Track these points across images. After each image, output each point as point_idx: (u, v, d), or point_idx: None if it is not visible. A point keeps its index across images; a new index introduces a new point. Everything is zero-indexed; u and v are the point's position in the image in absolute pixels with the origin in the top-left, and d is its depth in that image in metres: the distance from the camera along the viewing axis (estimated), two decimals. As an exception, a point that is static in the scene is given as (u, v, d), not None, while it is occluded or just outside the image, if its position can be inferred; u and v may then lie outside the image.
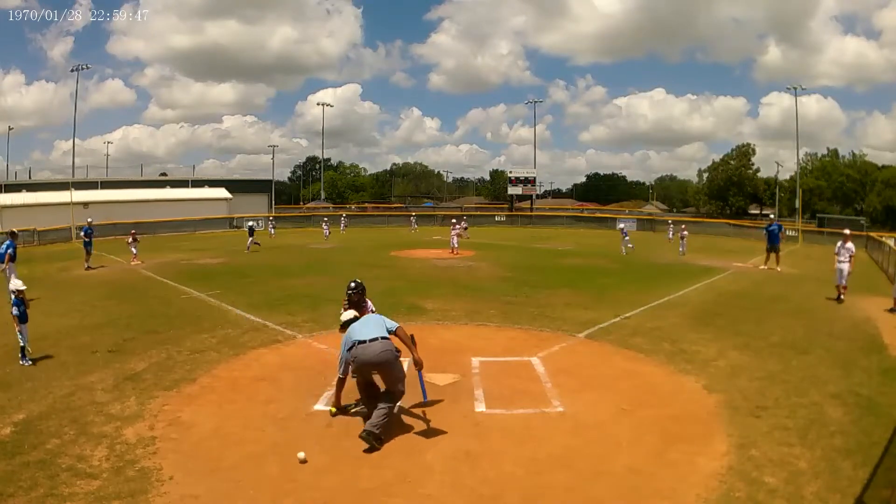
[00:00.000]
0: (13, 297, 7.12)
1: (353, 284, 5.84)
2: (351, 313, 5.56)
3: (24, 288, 7.25)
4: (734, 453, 4.58)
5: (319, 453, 4.60)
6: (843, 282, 11.87)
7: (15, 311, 7.05)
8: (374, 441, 4.70)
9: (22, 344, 7.01)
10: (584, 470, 4.35)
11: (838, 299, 11.85)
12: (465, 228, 22.59)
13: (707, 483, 4.10)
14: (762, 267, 16.67)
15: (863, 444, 4.73)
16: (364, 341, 5.10)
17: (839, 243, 12.29)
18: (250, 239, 22.21)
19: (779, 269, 16.26)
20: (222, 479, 4.18)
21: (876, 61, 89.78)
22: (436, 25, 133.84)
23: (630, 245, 22.67)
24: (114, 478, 4.15)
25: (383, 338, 5.20)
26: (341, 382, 5.38)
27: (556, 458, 4.53)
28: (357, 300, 5.83)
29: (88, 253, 17.13)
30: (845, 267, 11.87)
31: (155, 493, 3.94)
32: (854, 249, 12.22)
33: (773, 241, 16.73)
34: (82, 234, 17.73)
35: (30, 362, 6.96)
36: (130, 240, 19.38)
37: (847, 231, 13.09)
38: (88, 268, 16.78)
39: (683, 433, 4.98)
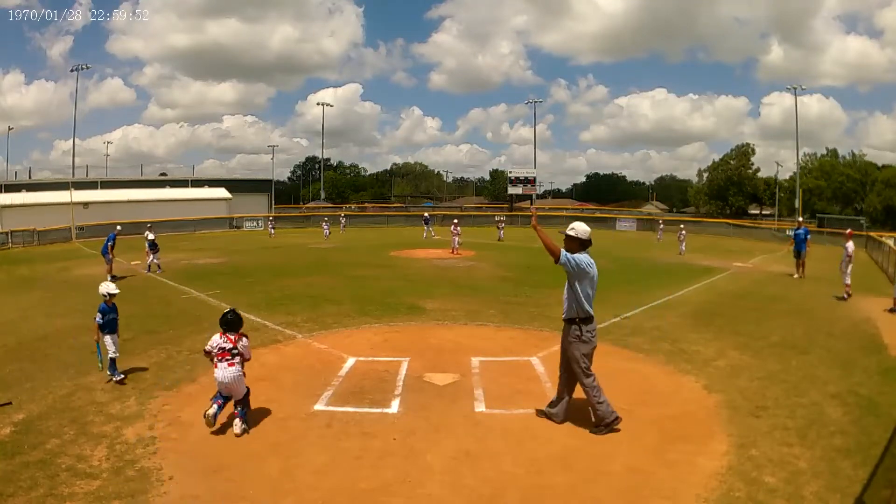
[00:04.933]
0: (102, 302, 6.36)
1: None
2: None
3: (116, 292, 6.46)
4: (734, 453, 4.58)
5: (319, 453, 4.60)
6: (848, 280, 12.18)
7: (99, 318, 6.27)
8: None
9: (110, 355, 6.29)
10: (584, 470, 4.35)
11: (843, 298, 12.10)
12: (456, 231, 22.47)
13: (707, 483, 4.10)
14: (795, 276, 15.60)
15: (863, 444, 4.73)
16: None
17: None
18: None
19: (797, 277, 15.49)
20: (222, 479, 4.18)
21: (878, 61, 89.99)
22: (437, 24, 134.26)
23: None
24: (114, 478, 4.15)
25: None
26: None
27: (556, 458, 4.53)
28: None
29: (109, 262, 15.00)
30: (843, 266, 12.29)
31: (155, 493, 3.95)
32: (851, 248, 12.46)
33: (799, 248, 15.81)
34: (109, 243, 15.18)
35: (120, 376, 6.27)
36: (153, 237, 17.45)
37: (848, 231, 13.50)
38: (113, 277, 14.01)
39: (683, 433, 4.98)
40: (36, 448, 4.63)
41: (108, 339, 6.32)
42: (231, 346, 5.06)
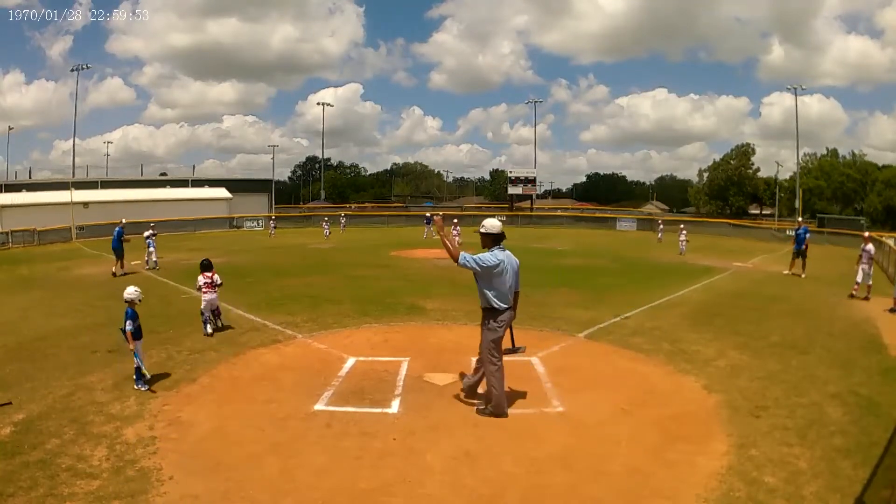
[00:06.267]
0: (127, 307, 6.17)
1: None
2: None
3: (137, 299, 6.26)
4: (734, 453, 4.58)
5: (319, 453, 4.60)
6: (869, 281, 12.39)
7: (129, 325, 6.07)
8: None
9: (137, 364, 6.05)
10: (584, 470, 4.35)
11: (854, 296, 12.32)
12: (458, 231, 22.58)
13: (707, 483, 4.10)
14: (785, 272, 16.09)
15: (863, 444, 4.73)
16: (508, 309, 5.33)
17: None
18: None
19: (788, 273, 15.90)
20: (222, 479, 4.18)
21: (879, 61, 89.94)
22: (438, 24, 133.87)
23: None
24: (114, 478, 4.15)
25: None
26: None
27: (555, 458, 4.53)
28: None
29: (117, 256, 15.31)
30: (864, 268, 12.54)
31: (155, 493, 3.95)
32: (871, 250, 12.72)
33: (797, 245, 16.22)
34: (123, 237, 15.51)
35: (146, 387, 6.01)
36: (149, 234, 18.40)
37: (866, 234, 13.92)
38: (120, 273, 14.93)
39: (683, 433, 4.98)
40: (36, 448, 4.63)
41: (138, 345, 6.16)
42: (209, 281, 8.51)
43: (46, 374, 6.59)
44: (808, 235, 16.25)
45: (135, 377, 6.10)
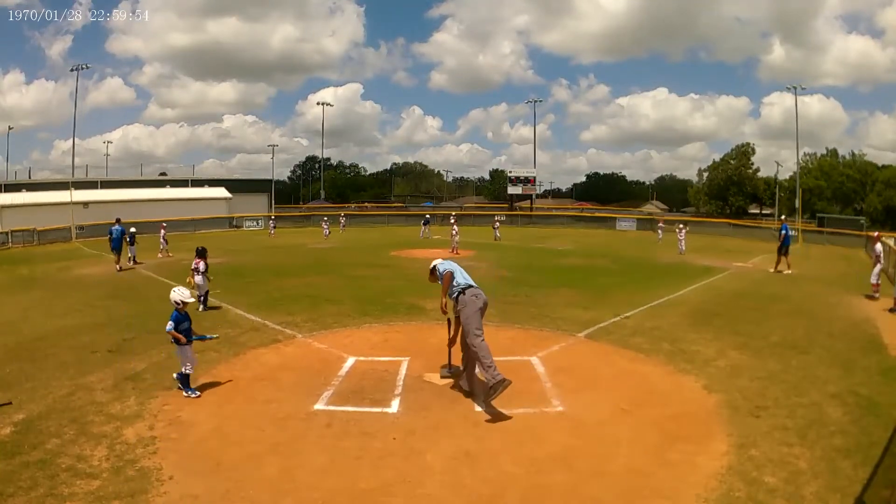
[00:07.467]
0: (174, 310, 5.95)
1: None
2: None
3: (189, 300, 6.01)
4: (734, 453, 4.58)
5: (319, 453, 4.60)
6: (875, 280, 12.30)
7: (169, 326, 5.85)
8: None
9: (186, 370, 5.86)
10: (584, 470, 4.35)
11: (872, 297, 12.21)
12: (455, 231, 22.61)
13: (707, 483, 4.10)
14: (787, 271, 16.35)
15: (863, 444, 4.73)
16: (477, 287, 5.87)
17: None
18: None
19: (773, 271, 16.36)
20: (222, 478, 4.18)
21: (879, 61, 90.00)
22: (438, 24, 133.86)
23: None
24: (114, 478, 4.15)
25: None
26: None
27: (555, 458, 4.53)
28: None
29: (118, 253, 16.77)
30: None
31: (155, 493, 3.95)
32: (879, 250, 12.65)
33: (782, 243, 16.67)
34: (111, 235, 17.04)
35: (195, 393, 5.83)
36: (163, 233, 21.11)
37: (876, 234, 14.04)
38: (120, 268, 16.44)
39: (683, 433, 4.97)
40: (36, 448, 4.63)
41: (187, 349, 5.92)
42: (196, 266, 10.27)
43: (46, 374, 6.59)
44: (782, 232, 16.76)
45: (179, 382, 5.92)
